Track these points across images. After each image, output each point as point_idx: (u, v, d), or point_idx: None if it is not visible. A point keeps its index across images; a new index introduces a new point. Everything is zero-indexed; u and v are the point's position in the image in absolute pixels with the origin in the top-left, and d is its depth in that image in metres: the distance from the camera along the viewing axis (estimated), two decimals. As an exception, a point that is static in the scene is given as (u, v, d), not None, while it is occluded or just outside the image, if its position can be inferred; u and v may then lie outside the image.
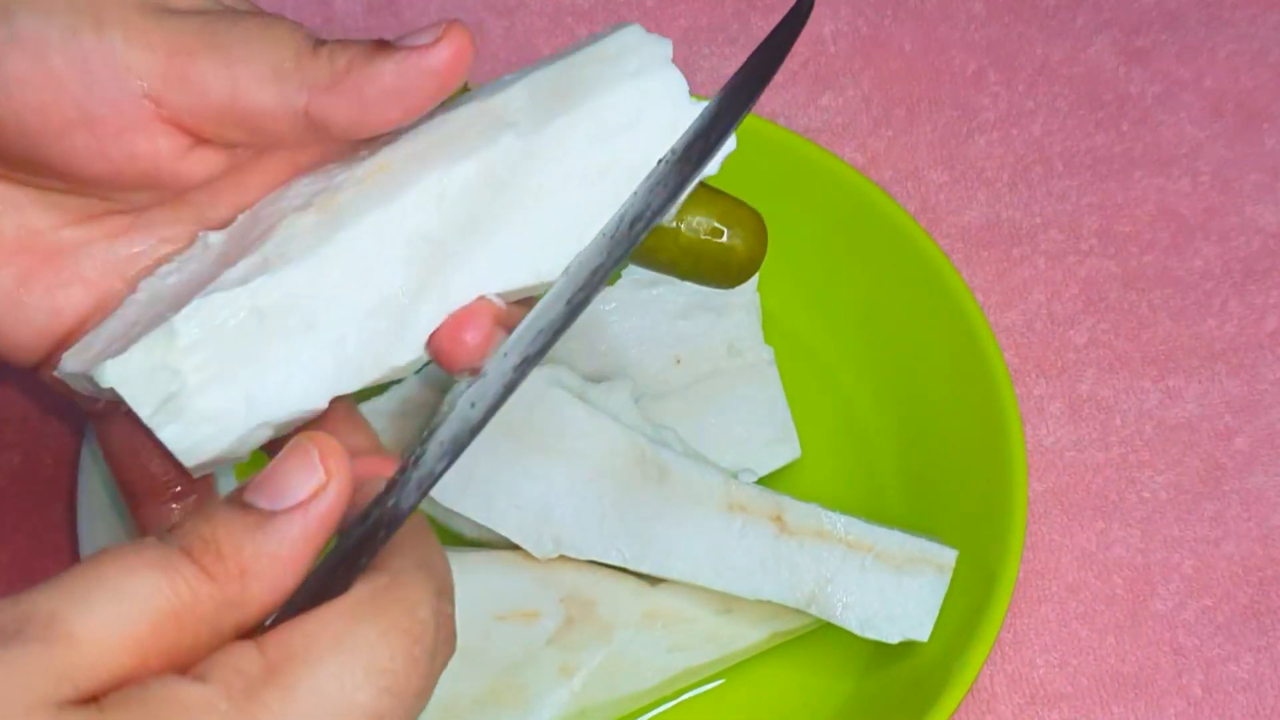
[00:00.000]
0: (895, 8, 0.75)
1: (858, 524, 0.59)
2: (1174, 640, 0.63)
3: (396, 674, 0.37)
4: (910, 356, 0.65)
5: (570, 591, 0.59)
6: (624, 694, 0.59)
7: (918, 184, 0.71)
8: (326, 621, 0.37)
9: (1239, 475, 0.65)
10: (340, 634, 0.37)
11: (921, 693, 0.57)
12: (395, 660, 0.37)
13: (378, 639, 0.37)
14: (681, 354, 0.65)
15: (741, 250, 0.52)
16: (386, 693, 0.37)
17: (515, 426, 0.60)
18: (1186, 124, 0.72)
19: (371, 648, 0.37)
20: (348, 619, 0.37)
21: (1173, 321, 0.68)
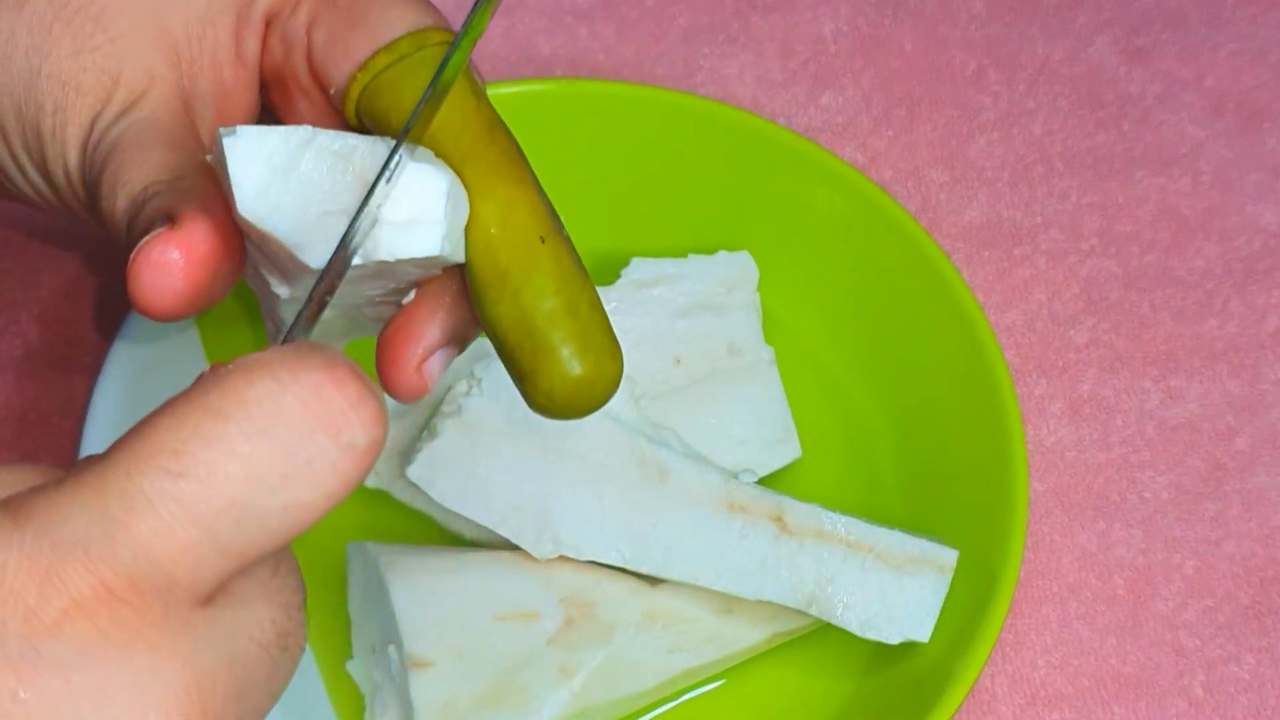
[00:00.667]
0: (895, 7, 0.75)
1: (858, 524, 0.59)
2: (1175, 641, 0.63)
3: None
4: (911, 356, 0.64)
5: (570, 592, 0.59)
6: (624, 694, 0.59)
7: (918, 183, 0.71)
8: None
9: (1240, 475, 0.65)
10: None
11: (922, 694, 0.57)
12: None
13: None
14: (681, 354, 0.65)
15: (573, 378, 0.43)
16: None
17: (515, 427, 0.60)
18: (1187, 123, 0.72)
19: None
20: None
21: (1174, 321, 0.68)
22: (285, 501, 0.32)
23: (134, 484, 0.32)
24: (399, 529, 0.63)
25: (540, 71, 0.73)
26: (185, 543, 0.32)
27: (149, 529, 0.32)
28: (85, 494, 0.32)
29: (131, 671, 0.31)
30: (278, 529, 0.33)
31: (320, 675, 0.61)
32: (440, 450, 0.59)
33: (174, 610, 0.32)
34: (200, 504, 0.32)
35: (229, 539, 0.32)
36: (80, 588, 0.31)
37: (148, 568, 0.32)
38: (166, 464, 0.32)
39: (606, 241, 0.68)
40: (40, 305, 0.68)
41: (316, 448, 0.33)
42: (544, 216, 0.43)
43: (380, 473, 0.62)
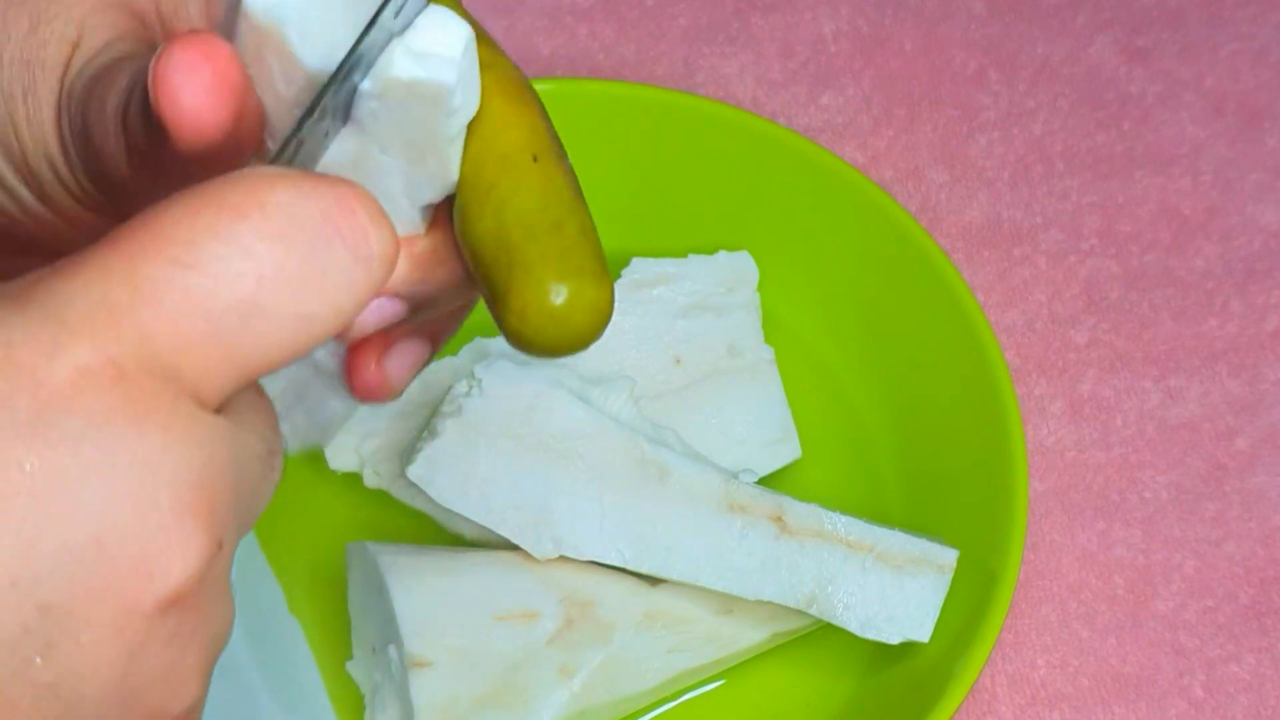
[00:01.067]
0: (896, 7, 0.75)
1: (858, 524, 0.59)
2: (1175, 641, 0.63)
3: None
4: (911, 356, 0.64)
5: (570, 592, 0.59)
6: (624, 695, 0.59)
7: (918, 183, 0.71)
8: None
9: (1240, 475, 0.65)
10: None
11: (922, 693, 0.57)
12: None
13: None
14: (682, 354, 0.65)
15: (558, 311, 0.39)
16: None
17: (515, 427, 0.60)
18: (1188, 123, 0.72)
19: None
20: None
21: (1174, 321, 0.68)
22: (297, 310, 0.31)
23: (139, 271, 0.31)
24: (399, 529, 0.63)
25: (540, 71, 0.73)
26: (191, 336, 0.31)
27: (153, 316, 0.30)
28: (88, 277, 0.31)
29: (144, 449, 0.30)
30: (285, 340, 0.32)
31: (320, 675, 0.61)
32: (440, 450, 0.59)
33: (183, 402, 0.31)
34: (208, 299, 0.31)
35: (235, 342, 0.31)
36: (89, 361, 0.30)
37: (154, 354, 0.30)
38: (176, 254, 0.31)
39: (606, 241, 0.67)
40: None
41: (333, 258, 0.32)
42: (543, 137, 0.40)
43: (380, 473, 0.62)
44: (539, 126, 0.41)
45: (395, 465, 0.62)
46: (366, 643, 0.60)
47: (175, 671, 0.32)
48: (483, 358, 0.62)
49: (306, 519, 0.63)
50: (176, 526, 0.30)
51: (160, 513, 0.30)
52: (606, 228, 0.68)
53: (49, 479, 0.29)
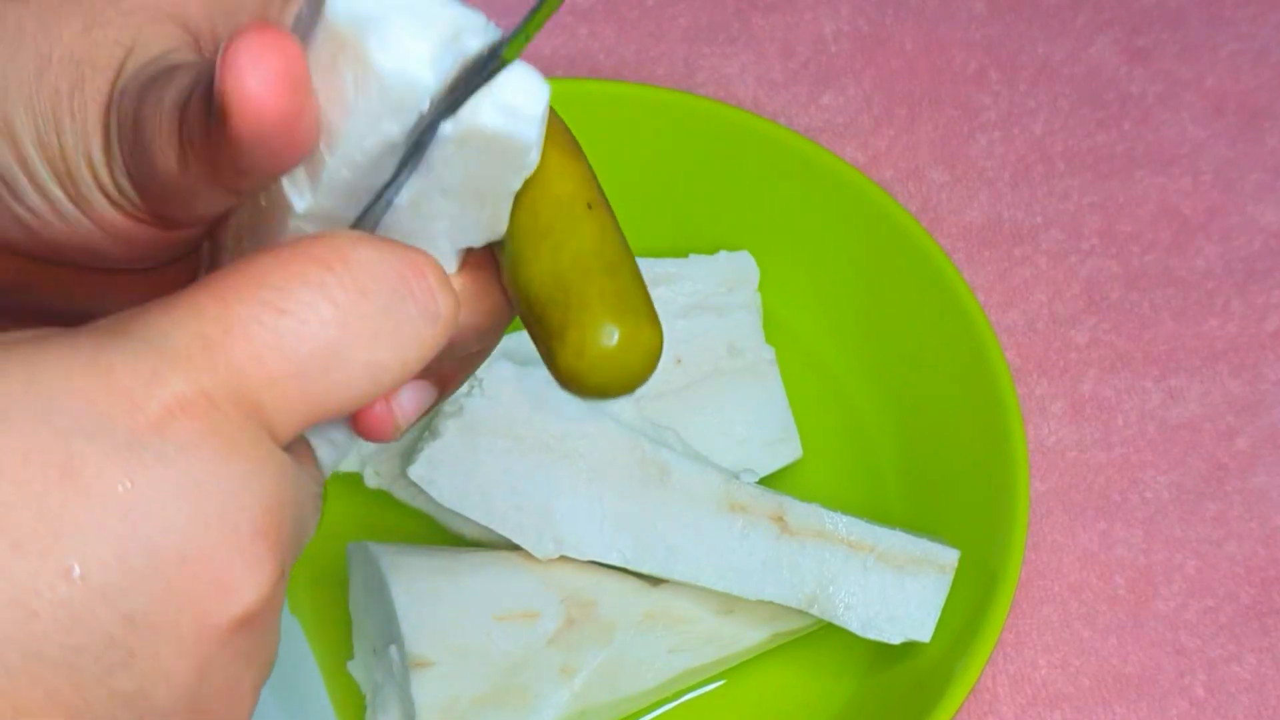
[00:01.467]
0: (896, 7, 0.75)
1: (859, 524, 0.59)
2: (1176, 641, 0.63)
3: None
4: (912, 356, 0.64)
5: (571, 592, 0.59)
6: (625, 695, 0.59)
7: (919, 183, 0.71)
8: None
9: (1241, 475, 0.65)
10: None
11: (924, 693, 0.57)
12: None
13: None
14: (682, 354, 0.65)
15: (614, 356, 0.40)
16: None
17: (516, 427, 0.60)
18: (1188, 123, 0.72)
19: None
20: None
21: (1174, 321, 0.68)
22: (371, 358, 0.34)
23: (232, 310, 0.33)
24: (400, 529, 0.63)
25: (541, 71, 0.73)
26: (276, 374, 0.33)
27: (244, 353, 0.33)
28: (182, 314, 0.33)
29: (229, 476, 0.32)
30: (357, 386, 0.34)
31: (321, 675, 0.61)
32: (441, 450, 0.59)
33: (263, 435, 0.33)
34: (295, 342, 0.33)
35: (314, 383, 0.33)
36: (183, 389, 0.32)
37: (242, 388, 0.32)
38: (267, 298, 0.33)
39: (607, 241, 0.68)
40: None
41: (406, 314, 0.34)
42: (593, 188, 0.42)
43: (381, 473, 0.62)
44: (589, 177, 0.42)
45: (396, 465, 0.62)
46: (368, 643, 0.60)
47: (235, 689, 0.33)
48: (484, 358, 0.62)
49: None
50: (252, 551, 0.32)
51: (239, 536, 0.32)
52: (607, 228, 0.68)
53: (142, 498, 0.31)
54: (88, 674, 0.31)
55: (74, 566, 0.31)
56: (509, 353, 0.62)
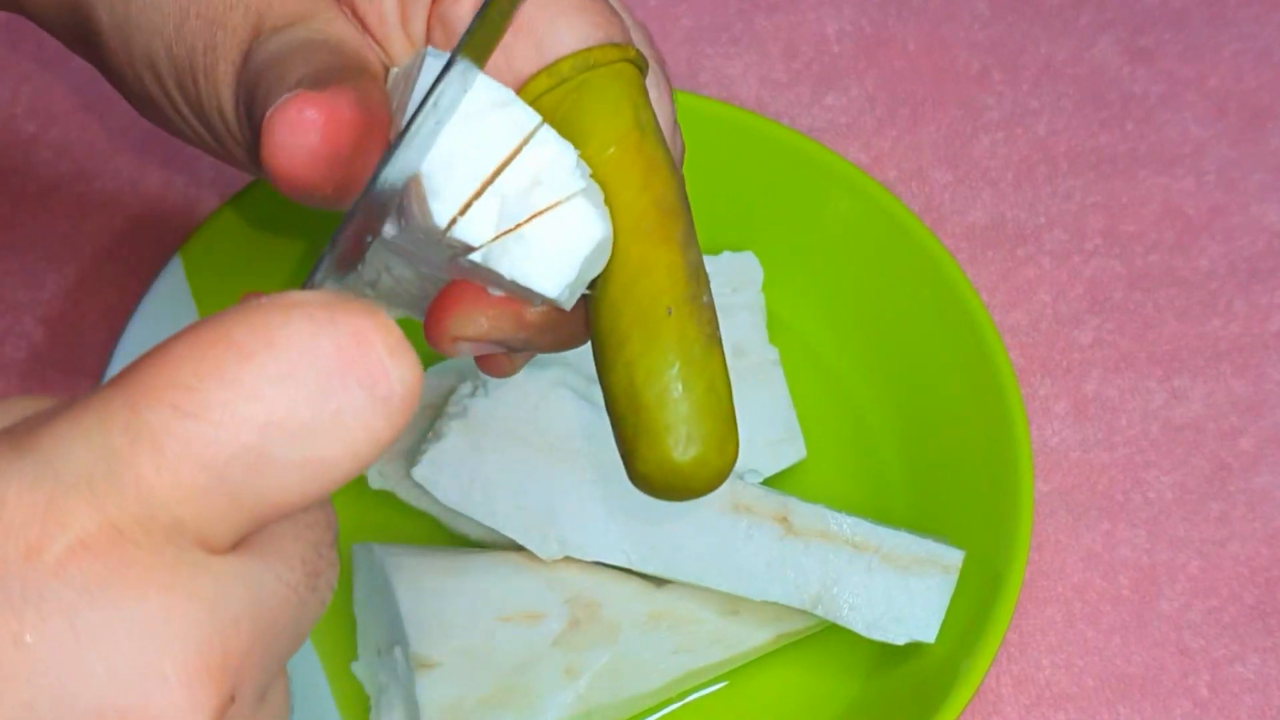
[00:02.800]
0: (899, 7, 0.75)
1: (864, 525, 0.59)
2: (1180, 641, 0.63)
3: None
4: (916, 356, 0.64)
5: (575, 593, 0.59)
6: (629, 695, 0.59)
7: (922, 183, 0.71)
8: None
9: (1245, 475, 0.65)
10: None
11: (928, 694, 0.57)
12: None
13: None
14: (686, 355, 0.65)
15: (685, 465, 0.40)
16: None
17: (520, 428, 0.60)
18: (1191, 123, 0.72)
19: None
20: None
21: (1178, 321, 0.68)
22: (307, 455, 0.30)
23: (139, 418, 0.29)
24: (404, 530, 0.63)
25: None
26: (193, 488, 0.29)
27: (153, 468, 0.29)
28: (88, 423, 0.29)
29: (143, 615, 0.28)
30: (297, 486, 0.30)
31: (325, 676, 0.61)
32: (445, 452, 0.59)
33: (187, 553, 0.29)
34: (209, 448, 0.29)
35: (241, 489, 0.29)
36: (85, 524, 0.28)
37: (154, 509, 0.29)
38: (177, 400, 0.29)
39: (611, 242, 0.68)
40: (44, 307, 0.67)
41: (347, 398, 0.30)
42: (681, 281, 0.40)
43: (385, 474, 0.62)
44: (679, 267, 0.41)
45: (400, 467, 0.62)
46: (372, 644, 0.60)
47: None
48: (487, 359, 0.62)
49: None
50: (185, 695, 0.28)
51: (165, 683, 0.28)
52: (611, 228, 0.68)
53: (47, 653, 0.28)
54: None
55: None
56: (513, 354, 0.62)
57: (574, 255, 0.38)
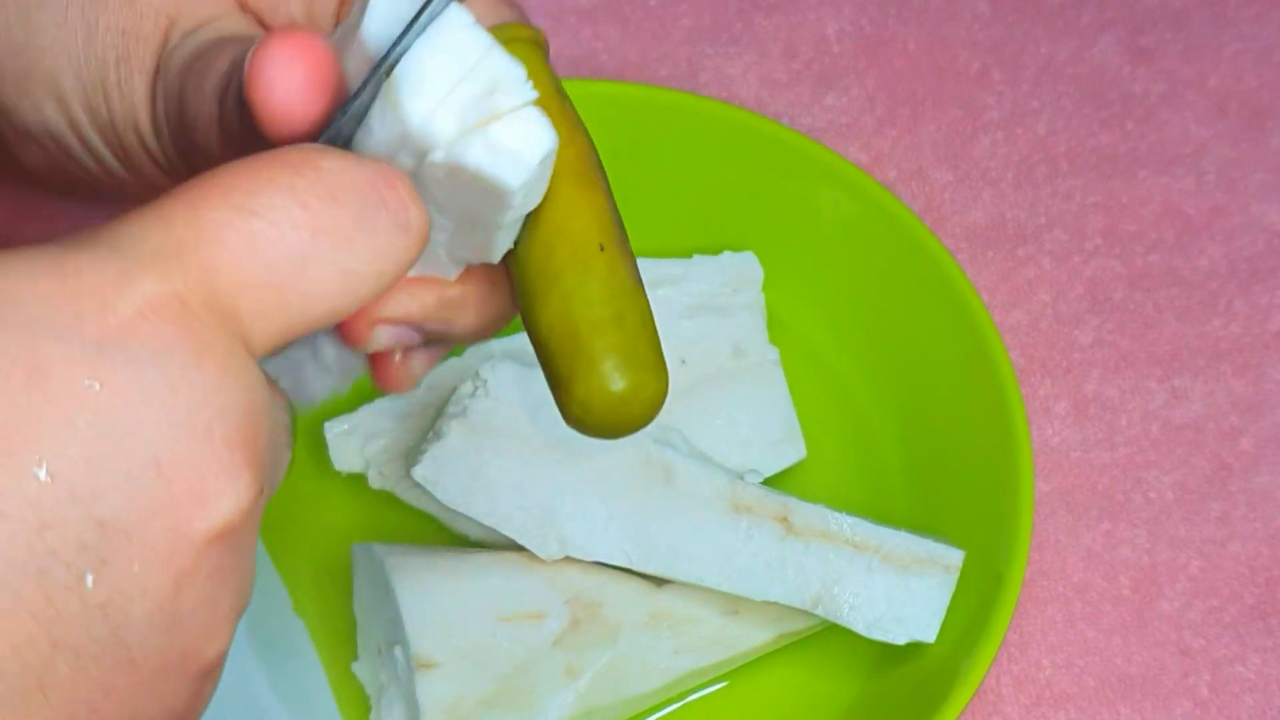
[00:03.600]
0: (899, 7, 0.75)
1: (864, 525, 0.59)
2: (1180, 641, 0.63)
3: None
4: (916, 356, 0.65)
5: (576, 593, 0.59)
6: (630, 695, 0.59)
7: (922, 183, 0.71)
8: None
9: (1245, 475, 0.65)
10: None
11: (928, 694, 0.57)
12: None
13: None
14: (686, 355, 0.65)
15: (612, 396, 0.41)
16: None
17: (520, 428, 0.60)
18: (1191, 123, 0.72)
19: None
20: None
21: (1178, 321, 0.68)
22: (344, 266, 0.33)
23: (203, 215, 0.32)
24: (404, 530, 0.63)
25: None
26: (249, 278, 0.32)
27: (217, 256, 0.32)
28: (153, 220, 0.32)
29: (201, 379, 0.31)
30: (332, 294, 0.34)
31: (326, 676, 0.61)
32: (445, 451, 0.59)
33: (237, 343, 0.32)
34: (267, 244, 0.32)
35: (288, 288, 0.33)
36: (156, 291, 0.31)
37: (214, 292, 0.32)
38: (240, 201, 0.32)
39: (611, 242, 0.68)
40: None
41: (379, 221, 0.34)
42: (608, 225, 0.42)
43: (385, 474, 0.62)
44: (605, 211, 0.42)
45: (400, 466, 0.62)
46: (372, 644, 0.60)
47: (213, 610, 0.32)
48: (488, 359, 0.62)
49: (312, 520, 0.63)
50: (228, 459, 0.31)
51: (214, 443, 0.31)
52: (611, 228, 0.68)
53: (113, 400, 0.30)
54: (58, 580, 0.30)
55: (41, 467, 0.30)
56: (513, 354, 0.62)
57: (531, 155, 0.39)
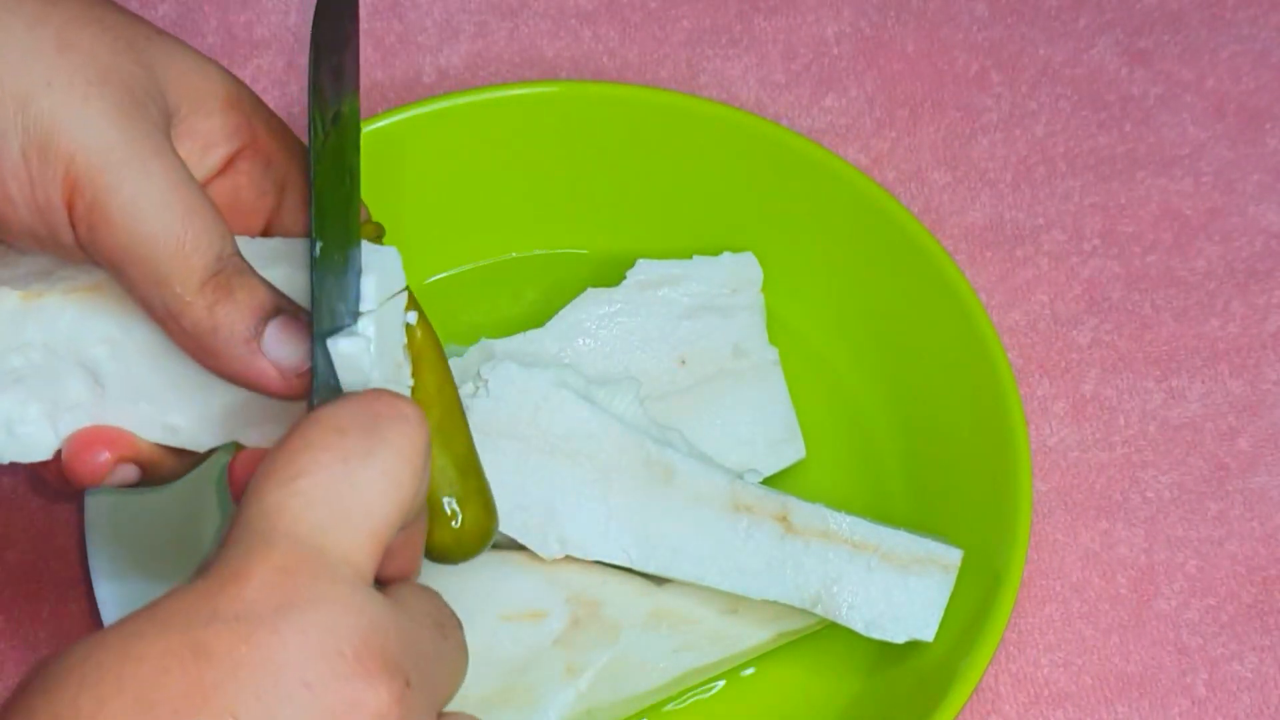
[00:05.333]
0: (898, 9, 0.75)
1: (863, 524, 0.59)
2: (1178, 640, 0.63)
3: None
4: (915, 357, 0.65)
5: (576, 592, 0.59)
6: (630, 694, 0.59)
7: (921, 185, 0.71)
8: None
9: (1242, 475, 0.66)
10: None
11: (927, 693, 0.57)
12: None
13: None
14: (686, 355, 0.65)
15: (468, 529, 0.54)
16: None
17: (521, 428, 0.60)
18: (1189, 125, 0.73)
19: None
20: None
21: (1176, 322, 0.69)
22: (379, 469, 0.41)
23: (265, 501, 0.40)
24: (405, 529, 0.63)
25: (545, 74, 0.73)
26: (318, 521, 0.40)
27: (288, 524, 0.40)
28: (239, 531, 0.40)
29: (318, 619, 0.38)
30: (385, 492, 0.41)
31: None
32: (447, 451, 0.59)
33: (340, 577, 0.39)
34: (315, 489, 0.40)
35: (350, 510, 0.40)
36: (262, 572, 0.39)
37: (302, 547, 0.40)
38: (281, 476, 0.41)
39: (611, 243, 0.68)
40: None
41: (387, 426, 0.42)
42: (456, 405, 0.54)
43: (387, 473, 0.62)
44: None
45: (402, 466, 0.62)
46: (374, 643, 0.60)
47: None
48: (489, 359, 0.62)
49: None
50: (362, 671, 0.38)
51: (347, 661, 0.38)
52: (612, 230, 0.69)
53: (260, 653, 0.38)
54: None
55: (228, 715, 0.37)
56: (513, 354, 0.63)
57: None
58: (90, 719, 0.37)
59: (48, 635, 0.62)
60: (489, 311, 0.68)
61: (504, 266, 0.69)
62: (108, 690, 0.38)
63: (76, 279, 0.50)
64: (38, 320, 0.49)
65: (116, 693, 0.38)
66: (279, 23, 0.74)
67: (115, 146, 0.46)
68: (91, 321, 0.49)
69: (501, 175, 0.68)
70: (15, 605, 0.63)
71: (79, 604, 0.63)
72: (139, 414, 0.50)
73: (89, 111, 0.46)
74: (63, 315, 0.49)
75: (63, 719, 0.38)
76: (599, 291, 0.65)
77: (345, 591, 0.39)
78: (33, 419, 0.50)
